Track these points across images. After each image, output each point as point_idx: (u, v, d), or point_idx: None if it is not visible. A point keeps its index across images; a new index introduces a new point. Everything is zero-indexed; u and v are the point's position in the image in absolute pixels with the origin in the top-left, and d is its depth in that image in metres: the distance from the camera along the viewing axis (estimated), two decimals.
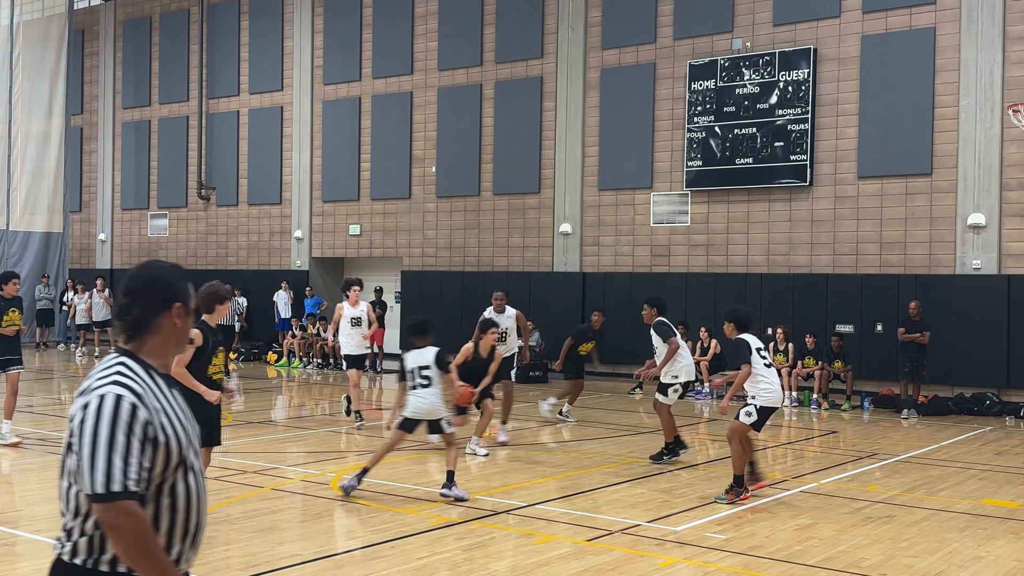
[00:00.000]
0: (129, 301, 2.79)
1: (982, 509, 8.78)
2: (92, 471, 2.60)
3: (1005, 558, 7.16)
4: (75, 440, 2.65)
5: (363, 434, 12.68)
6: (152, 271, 2.83)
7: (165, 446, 2.70)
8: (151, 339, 2.80)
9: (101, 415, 2.62)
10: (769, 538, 7.59)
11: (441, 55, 23.00)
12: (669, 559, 6.97)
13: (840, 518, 8.32)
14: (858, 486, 9.76)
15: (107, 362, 2.76)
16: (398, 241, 23.83)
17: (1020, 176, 16.19)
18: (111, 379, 2.68)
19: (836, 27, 17.99)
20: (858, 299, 17.40)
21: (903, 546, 7.43)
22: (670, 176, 19.80)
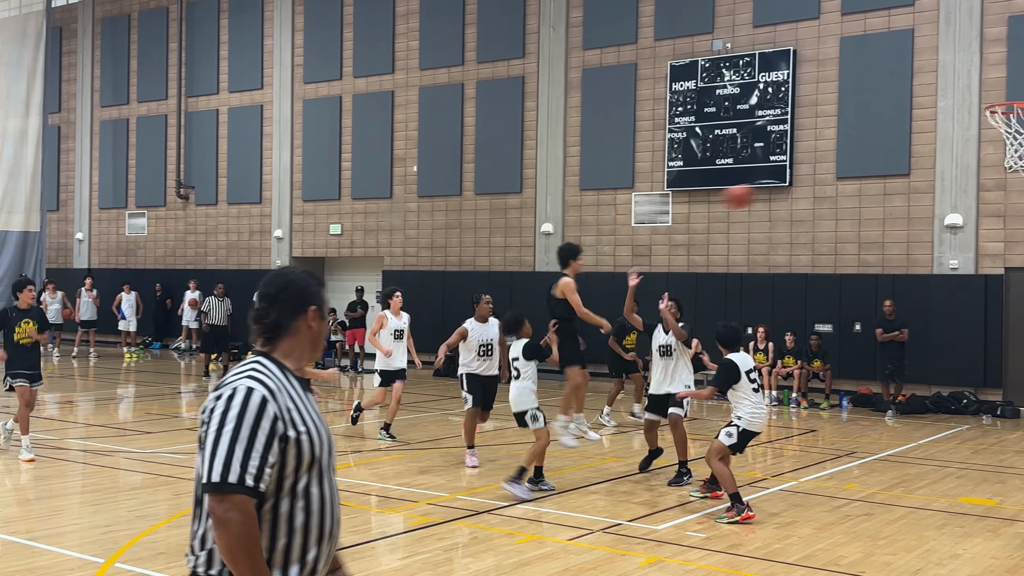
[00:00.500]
0: (266, 305, 2.83)
1: (959, 507, 8.86)
2: (212, 460, 2.58)
3: (982, 556, 7.22)
4: (206, 431, 2.64)
5: (344, 435, 12.64)
6: (287, 277, 2.88)
7: (296, 442, 2.67)
8: (287, 342, 2.83)
9: (230, 406, 2.62)
10: (749, 536, 7.62)
11: (422, 54, 22.97)
12: (650, 558, 6.99)
13: (819, 516, 8.36)
14: (837, 484, 9.82)
15: (243, 363, 2.80)
16: (379, 241, 23.77)
17: (997, 177, 16.34)
18: (245, 374, 2.70)
19: (815, 28, 18.09)
20: (837, 299, 17.50)
21: (881, 544, 7.48)
22: (651, 176, 19.86)
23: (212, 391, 2.73)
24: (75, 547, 7.06)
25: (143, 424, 13.24)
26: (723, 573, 6.68)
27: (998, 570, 6.85)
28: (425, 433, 12.90)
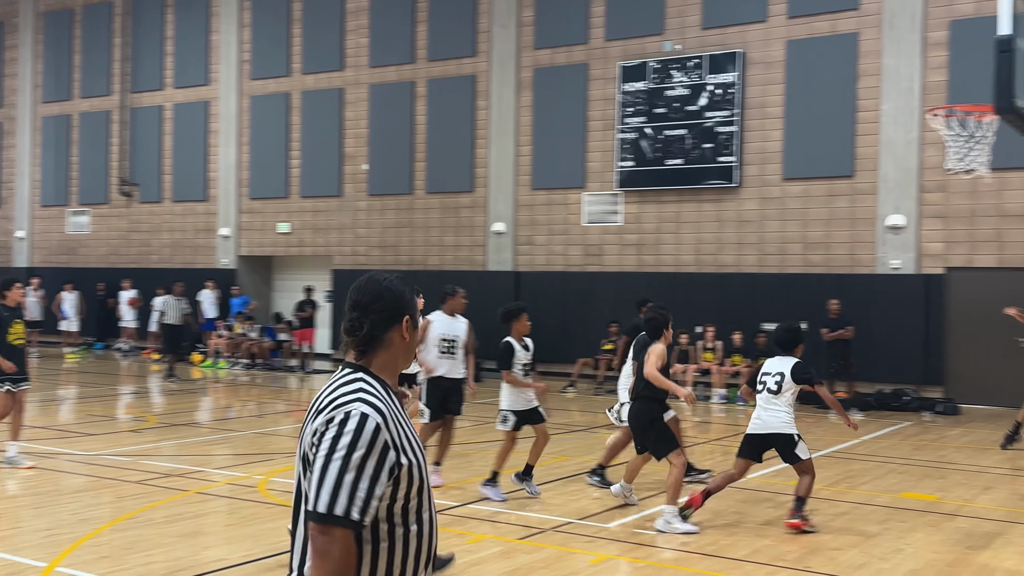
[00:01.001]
0: (359, 315, 2.68)
1: (902, 502, 9.02)
2: (319, 488, 2.45)
3: (924, 550, 7.36)
4: (317, 453, 2.49)
5: (294, 436, 12.51)
6: (380, 284, 2.71)
7: (408, 469, 2.54)
8: (381, 354, 2.69)
9: (344, 432, 2.47)
10: (698, 533, 7.68)
11: (372, 52, 22.83)
12: (600, 555, 7.01)
13: (766, 512, 8.47)
14: (782, 481, 9.95)
15: (342, 378, 2.64)
16: (329, 239, 23.58)
17: (938, 179, 16.68)
18: (356, 395, 2.55)
19: (763, 31, 18.32)
20: (783, 298, 17.73)
21: (826, 539, 7.59)
22: (602, 176, 19.95)
23: (317, 409, 2.57)
24: (16, 551, 6.90)
25: (85, 426, 12.99)
26: (672, 570, 6.73)
27: (939, 564, 6.98)
28: None
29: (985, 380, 16.46)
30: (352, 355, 2.70)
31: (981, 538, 7.73)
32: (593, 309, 19.51)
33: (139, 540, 7.22)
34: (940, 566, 6.93)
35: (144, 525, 7.66)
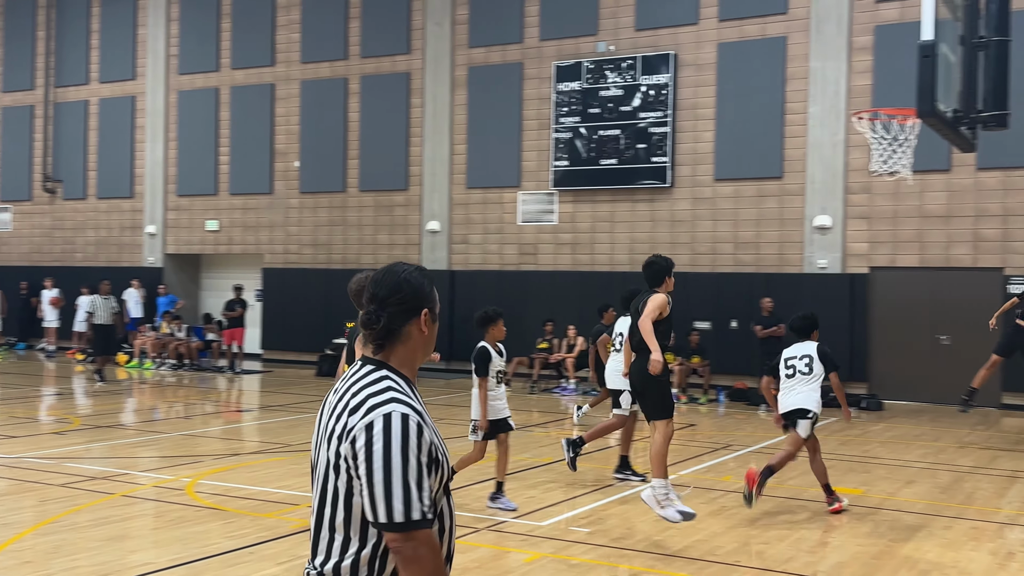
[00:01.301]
0: (376, 308, 2.60)
1: None
2: (388, 498, 2.39)
3: (849, 543, 7.53)
4: (361, 463, 2.42)
5: (222, 438, 12.30)
6: (398, 276, 2.64)
7: (440, 466, 2.52)
8: (400, 348, 2.61)
9: (392, 436, 2.41)
10: (631, 529, 7.75)
11: (304, 47, 22.57)
12: (534, 554, 7.02)
13: (697, 508, 8.56)
14: (714, 476, 10.09)
15: (366, 374, 2.57)
16: (259, 237, 23.25)
17: (862, 180, 17.08)
18: (389, 395, 2.49)
19: (694, 34, 18.55)
20: (714, 297, 17.99)
21: (755, 533, 7.72)
22: (537, 175, 20.01)
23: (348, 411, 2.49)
24: None
25: (7, 428, 12.60)
26: (605, 567, 6.77)
27: (864, 556, 7.14)
28: (307, 434, 12.67)
29: (907, 376, 16.91)
30: (370, 349, 2.63)
31: (904, 531, 7.93)
32: (528, 308, 19.54)
33: (63, 544, 7.03)
34: (865, 558, 7.09)
35: (68, 529, 7.45)
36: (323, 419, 2.59)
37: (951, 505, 8.96)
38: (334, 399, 2.58)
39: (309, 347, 21.81)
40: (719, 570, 6.73)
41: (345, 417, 2.49)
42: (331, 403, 2.58)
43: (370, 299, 2.63)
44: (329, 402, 2.60)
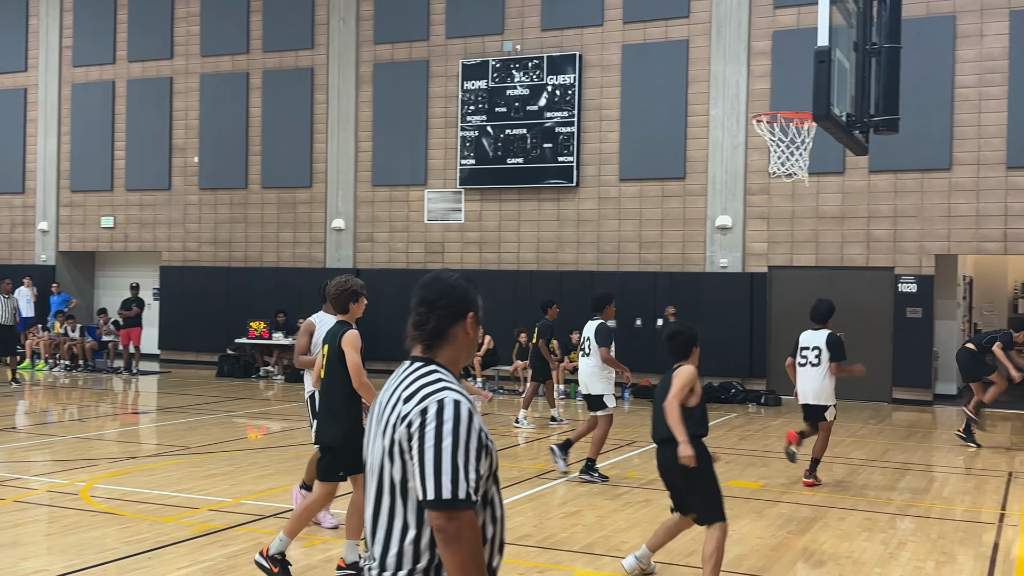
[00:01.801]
0: (426, 311, 2.79)
1: (728, 490, 9.38)
2: (438, 475, 2.53)
3: (749, 536, 7.71)
4: (414, 443, 2.57)
5: (118, 441, 11.91)
6: (446, 282, 2.82)
7: (489, 453, 2.67)
8: (447, 349, 2.80)
9: (445, 419, 2.57)
10: (537, 527, 7.78)
11: (204, 40, 22.05)
12: None
13: (602, 504, 8.66)
14: (619, 473, 10.22)
15: (416, 369, 2.74)
16: (157, 234, 22.62)
17: (761, 182, 17.54)
18: (441, 384, 2.66)
19: (599, 35, 18.76)
20: (620, 295, 18.17)
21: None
22: (444, 174, 19.96)
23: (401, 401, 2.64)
24: None
25: None
26: (510, 564, 6.78)
27: (763, 548, 7.33)
28: (207, 436, 12.37)
29: None
30: (419, 349, 2.80)
31: (801, 523, 8.16)
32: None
33: None
34: (764, 550, 7.27)
35: None
36: (375, 414, 2.76)
37: (845, 497, 9.26)
38: (383, 396, 2.75)
39: (209, 347, 21.32)
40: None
41: (399, 406, 2.65)
42: (382, 401, 2.75)
43: (419, 303, 2.81)
44: (380, 400, 2.76)
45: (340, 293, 6.67)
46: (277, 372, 19.67)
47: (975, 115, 16.32)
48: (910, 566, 6.93)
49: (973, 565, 6.99)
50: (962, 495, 9.57)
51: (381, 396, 2.77)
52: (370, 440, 2.75)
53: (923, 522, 8.34)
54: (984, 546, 7.56)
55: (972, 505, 9.08)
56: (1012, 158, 16.06)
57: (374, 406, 2.79)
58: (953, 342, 17.51)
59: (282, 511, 8.18)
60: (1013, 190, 16.10)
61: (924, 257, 16.67)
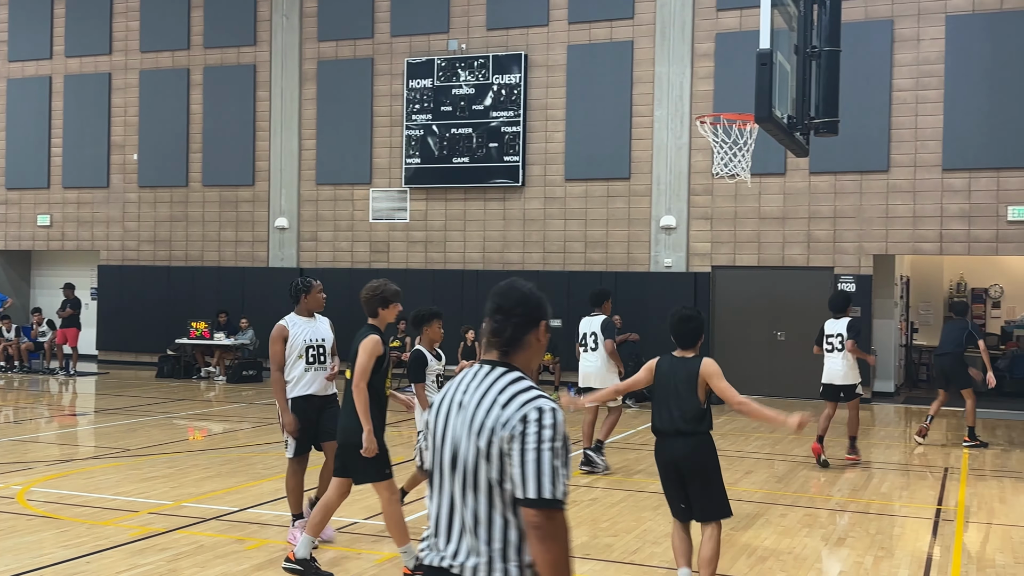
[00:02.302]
0: (503, 318, 2.92)
1: None
2: (538, 477, 2.67)
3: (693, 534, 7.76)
4: (515, 447, 2.70)
5: (56, 443, 11.63)
6: (521, 291, 2.97)
7: (570, 459, 2.79)
8: (521, 355, 2.93)
9: (544, 425, 2.72)
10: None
11: (144, 36, 21.66)
12: (385, 554, 6.96)
13: None
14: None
15: (502, 375, 2.85)
16: (95, 233, 22.16)
17: (705, 183, 17.73)
18: (535, 392, 2.79)
19: (545, 35, 18.81)
20: (566, 295, 18.29)
21: (604, 526, 7.88)
22: (389, 173, 19.84)
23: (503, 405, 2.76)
24: None
25: None
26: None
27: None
28: (147, 438, 12.15)
29: (747, 371, 17.63)
30: (495, 354, 2.92)
31: (743, 519, 8.26)
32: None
33: None
34: None
35: None
36: (454, 416, 2.84)
37: (787, 494, 9.40)
38: (471, 398, 2.83)
39: (149, 348, 20.95)
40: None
41: (497, 411, 2.77)
42: (467, 402, 2.83)
43: (496, 310, 2.94)
44: (460, 401, 2.85)
45: (370, 298, 6.67)
46: (218, 373, 19.39)
47: (912, 118, 16.68)
48: (849, 561, 7.06)
49: (911, 560, 7.14)
50: (900, 491, 9.77)
51: (460, 398, 2.85)
52: (447, 441, 2.83)
53: (862, 518, 8.50)
54: (921, 541, 7.73)
55: (909, 501, 9.28)
56: (947, 160, 16.45)
57: (451, 408, 2.87)
58: (891, 341, 17.89)
59: (223, 514, 8.07)
60: (948, 191, 16.49)
61: (863, 257, 16.99)
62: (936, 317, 20.87)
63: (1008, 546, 7.60)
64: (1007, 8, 16.18)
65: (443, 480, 2.84)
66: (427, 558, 2.86)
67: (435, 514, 2.86)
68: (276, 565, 6.64)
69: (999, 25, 16.18)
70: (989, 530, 8.18)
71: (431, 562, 2.84)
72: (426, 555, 2.86)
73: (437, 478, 2.87)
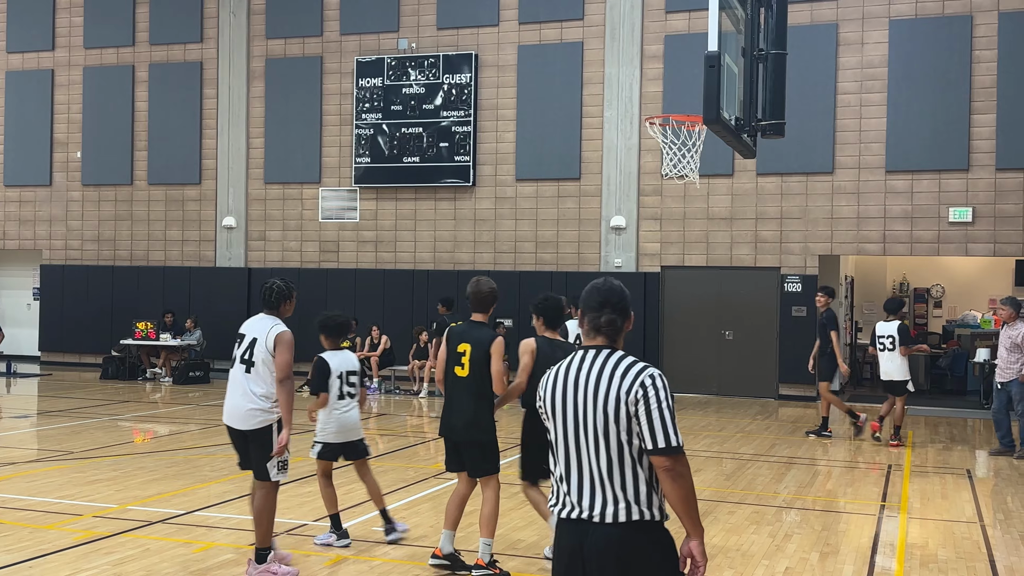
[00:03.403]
0: (610, 311, 3.54)
1: None
2: (665, 430, 3.32)
3: None
4: (642, 407, 3.33)
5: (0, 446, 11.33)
6: (621, 290, 3.60)
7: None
8: (619, 339, 3.57)
9: (659, 388, 3.36)
10: (433, 527, 7.76)
11: (87, 32, 21.26)
12: (335, 557, 6.91)
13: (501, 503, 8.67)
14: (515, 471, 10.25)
15: (610, 356, 3.47)
16: (36, 232, 21.71)
17: (654, 183, 17.87)
18: (643, 364, 3.43)
19: (495, 35, 18.82)
20: (517, 294, 18.31)
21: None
22: (339, 172, 19.71)
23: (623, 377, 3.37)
24: None
25: None
26: (407, 566, 6.74)
27: None
28: (91, 441, 11.93)
29: (695, 370, 17.84)
30: (601, 340, 3.53)
31: None
32: (329, 307, 19.21)
33: None
34: None
35: None
36: (574, 393, 3.43)
37: (734, 491, 9.51)
38: (591, 376, 3.42)
39: (93, 348, 20.58)
40: (520, 563, 6.85)
41: (618, 382, 3.39)
42: (587, 379, 3.43)
43: (603, 304, 3.54)
44: (576, 380, 3.44)
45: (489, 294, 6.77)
46: (164, 374, 19.10)
47: (856, 120, 16.98)
48: (796, 557, 7.16)
49: (856, 556, 7.27)
50: (844, 488, 9.94)
51: (575, 377, 3.44)
52: (574, 412, 3.42)
53: (808, 514, 8.63)
54: (866, 537, 7.87)
55: (854, 497, 9.44)
56: (891, 162, 16.76)
57: (567, 387, 3.45)
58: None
59: (170, 517, 7.95)
60: (891, 193, 16.81)
61: (808, 257, 17.25)
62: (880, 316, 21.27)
63: (950, 541, 7.77)
64: (948, 13, 16.54)
65: (574, 445, 3.43)
66: (563, 513, 3.44)
67: (566, 476, 3.44)
68: (224, 568, 6.56)
69: (941, 30, 16.53)
70: (932, 526, 8.36)
71: (568, 516, 3.42)
72: (562, 511, 3.44)
73: (564, 445, 3.45)
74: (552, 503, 3.47)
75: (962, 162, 16.40)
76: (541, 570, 6.71)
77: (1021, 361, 11.51)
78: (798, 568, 6.87)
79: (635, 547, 3.32)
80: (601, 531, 3.33)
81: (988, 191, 16.34)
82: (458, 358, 6.64)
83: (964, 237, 16.51)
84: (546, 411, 3.50)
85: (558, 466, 3.46)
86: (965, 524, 8.33)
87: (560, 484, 3.45)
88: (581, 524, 3.37)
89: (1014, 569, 6.95)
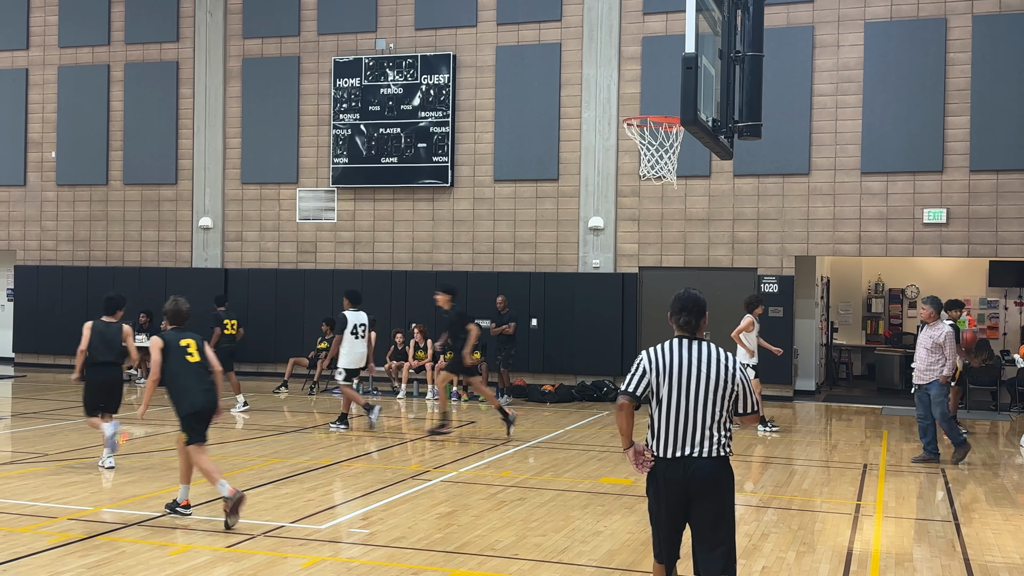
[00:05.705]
0: (687, 314, 5.12)
1: (600, 487, 9.59)
2: (752, 398, 5.02)
3: (620, 531, 7.86)
4: (739, 382, 4.99)
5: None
6: (697, 294, 5.20)
7: None
8: (699, 332, 5.05)
9: (740, 369, 5.00)
10: (411, 528, 7.75)
11: (62, 31, 21.09)
12: (313, 558, 6.89)
13: (477, 504, 8.69)
14: (494, 472, 10.26)
15: (710, 345, 5.05)
16: (11, 233, 21.50)
17: (632, 184, 17.93)
18: (727, 351, 5.06)
19: (473, 36, 18.81)
20: (494, 296, 18.30)
21: (533, 526, 7.92)
22: (316, 172, 19.64)
23: (726, 358, 5.03)
24: None
25: None
26: (385, 567, 6.73)
27: (634, 543, 7.49)
28: (66, 443, 11.83)
29: None
30: (686, 332, 5.09)
31: None
32: (307, 307, 19.19)
33: None
34: (635, 545, 7.43)
35: None
36: (687, 369, 4.97)
37: None
38: (700, 358, 4.99)
39: (68, 350, 20.31)
40: (498, 563, 6.85)
41: (723, 362, 5.00)
42: (697, 361, 4.99)
43: (694, 309, 5.13)
44: (687, 360, 4.99)
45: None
46: (140, 375, 18.96)
47: (832, 122, 17.10)
48: (772, 556, 7.20)
49: (832, 554, 7.32)
50: (820, 487, 10.01)
51: (686, 358, 4.97)
52: (687, 383, 4.95)
53: (784, 514, 8.68)
54: (842, 536, 7.93)
55: (830, 496, 9.51)
56: (866, 164, 16.90)
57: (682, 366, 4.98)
58: (812, 340, 18.30)
59: (146, 519, 7.89)
60: (867, 194, 16.94)
61: (785, 258, 17.36)
62: (855, 317, 21.43)
63: (925, 539, 7.85)
64: (923, 16, 16.70)
65: (685, 406, 4.92)
66: (670, 453, 4.93)
67: (675, 427, 4.92)
68: (200, 570, 6.52)
69: (916, 32, 16.68)
70: (907, 524, 8.43)
71: (672, 455, 4.92)
72: (668, 452, 4.94)
73: (676, 406, 4.92)
74: (654, 447, 4.98)
75: (936, 164, 16.56)
76: (519, 571, 6.71)
77: (941, 362, 11.23)
78: (775, 567, 6.91)
79: (722, 471, 4.95)
80: (702, 462, 4.87)
81: (962, 192, 16.50)
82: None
83: (938, 238, 16.66)
84: (659, 378, 4.92)
85: (666, 421, 4.94)
86: (940, 523, 8.41)
87: (668, 433, 4.93)
88: (686, 460, 4.88)
89: (988, 567, 7.03)
